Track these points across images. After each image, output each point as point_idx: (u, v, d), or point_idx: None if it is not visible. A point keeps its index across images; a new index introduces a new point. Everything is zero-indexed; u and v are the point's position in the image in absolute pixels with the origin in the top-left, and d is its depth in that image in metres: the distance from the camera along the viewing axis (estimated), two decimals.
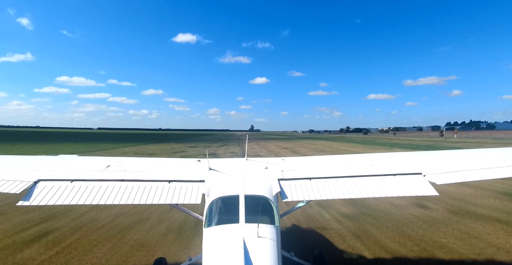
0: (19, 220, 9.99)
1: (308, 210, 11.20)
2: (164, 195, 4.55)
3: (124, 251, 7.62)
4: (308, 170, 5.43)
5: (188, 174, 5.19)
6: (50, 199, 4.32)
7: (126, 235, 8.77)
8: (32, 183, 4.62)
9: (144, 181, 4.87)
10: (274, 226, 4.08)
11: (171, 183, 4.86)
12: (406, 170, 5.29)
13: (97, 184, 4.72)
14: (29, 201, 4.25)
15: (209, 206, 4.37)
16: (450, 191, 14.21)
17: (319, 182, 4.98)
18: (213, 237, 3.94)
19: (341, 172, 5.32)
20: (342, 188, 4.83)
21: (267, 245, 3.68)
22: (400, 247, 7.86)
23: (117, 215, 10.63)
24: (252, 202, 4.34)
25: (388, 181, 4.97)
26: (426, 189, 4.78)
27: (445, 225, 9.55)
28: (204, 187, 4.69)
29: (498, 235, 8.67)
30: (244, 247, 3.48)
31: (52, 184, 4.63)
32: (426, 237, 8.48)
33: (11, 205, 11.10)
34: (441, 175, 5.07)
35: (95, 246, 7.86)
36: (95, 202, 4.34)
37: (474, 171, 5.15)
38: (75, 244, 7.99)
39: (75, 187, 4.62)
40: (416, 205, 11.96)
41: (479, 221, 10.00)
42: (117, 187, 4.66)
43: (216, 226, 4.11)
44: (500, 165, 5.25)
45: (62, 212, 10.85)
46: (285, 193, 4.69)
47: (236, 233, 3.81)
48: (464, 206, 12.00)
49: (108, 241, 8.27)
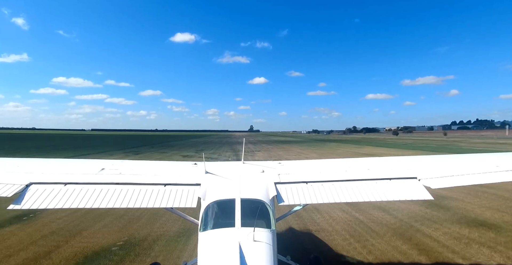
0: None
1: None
2: (159, 199, 4.69)
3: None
4: (304, 174, 5.61)
5: (184, 178, 5.34)
6: (42, 203, 4.43)
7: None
8: (24, 186, 4.73)
9: (139, 184, 5.01)
10: (270, 230, 4.23)
11: (166, 186, 5.00)
12: (402, 174, 5.50)
13: (91, 187, 4.83)
14: (21, 205, 4.36)
15: (205, 210, 4.51)
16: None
17: (315, 186, 5.15)
18: (208, 241, 4.07)
19: (337, 176, 5.50)
20: (338, 192, 5.01)
21: (263, 249, 3.82)
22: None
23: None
24: (248, 205, 4.49)
25: (384, 185, 5.17)
26: (421, 193, 4.97)
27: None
28: (200, 191, 4.84)
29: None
30: (240, 251, 3.61)
31: (44, 188, 4.74)
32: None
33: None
34: (436, 179, 5.27)
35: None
36: (88, 206, 4.44)
37: (468, 176, 5.37)
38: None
39: (69, 190, 4.73)
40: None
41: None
42: (112, 190, 4.78)
43: (211, 230, 4.24)
44: (493, 170, 5.51)
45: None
46: (282, 197, 4.85)
47: (232, 237, 3.95)
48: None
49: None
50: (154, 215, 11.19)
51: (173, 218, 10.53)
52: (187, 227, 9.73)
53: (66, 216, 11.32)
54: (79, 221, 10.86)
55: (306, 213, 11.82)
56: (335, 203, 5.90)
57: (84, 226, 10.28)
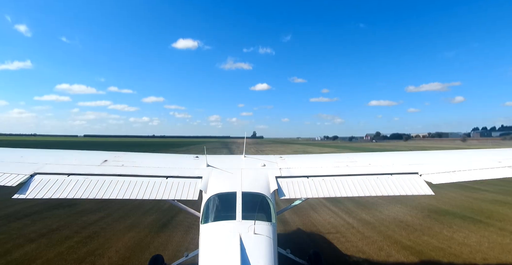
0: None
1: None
2: (161, 191, 5.09)
3: None
4: (305, 168, 6.00)
5: (185, 170, 5.75)
6: (46, 193, 4.82)
7: None
8: (28, 176, 5.14)
9: (142, 176, 5.42)
10: (271, 223, 4.61)
11: (168, 179, 5.40)
12: (403, 169, 5.87)
13: (94, 178, 5.24)
14: (25, 194, 4.75)
15: (206, 203, 4.92)
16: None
17: (316, 180, 5.53)
18: (209, 233, 4.46)
19: (338, 170, 5.89)
20: (339, 186, 5.38)
21: (263, 242, 4.18)
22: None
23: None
24: (249, 199, 4.89)
25: (385, 180, 5.53)
26: (422, 188, 5.34)
27: None
28: (202, 184, 5.25)
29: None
30: (241, 244, 3.96)
31: (48, 178, 5.16)
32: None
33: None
34: (437, 175, 5.64)
35: None
36: (91, 197, 4.84)
37: (470, 171, 5.72)
38: None
39: (72, 181, 5.14)
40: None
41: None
42: (114, 182, 5.19)
43: (213, 222, 4.63)
44: (495, 166, 5.88)
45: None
46: (283, 191, 5.25)
47: (233, 229, 4.32)
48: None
49: None
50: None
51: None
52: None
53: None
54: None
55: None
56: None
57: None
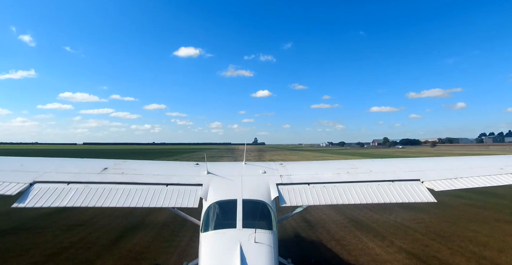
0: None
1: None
2: (161, 199, 5.12)
3: None
4: (306, 175, 6.02)
5: (186, 178, 5.78)
6: (45, 202, 4.86)
7: None
8: (28, 185, 5.18)
9: (141, 184, 5.46)
10: (272, 231, 4.61)
11: (168, 186, 5.44)
12: (405, 176, 5.90)
13: (94, 186, 5.28)
14: (24, 203, 4.78)
15: (207, 211, 4.92)
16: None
17: (317, 188, 5.55)
18: (209, 242, 4.44)
19: (339, 177, 5.92)
20: (340, 193, 5.40)
21: (264, 251, 4.16)
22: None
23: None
24: (250, 206, 4.89)
25: (387, 187, 5.55)
26: (424, 195, 5.36)
27: None
28: (202, 191, 5.28)
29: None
30: (241, 253, 3.96)
31: (48, 186, 5.20)
32: None
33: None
34: (440, 182, 5.67)
35: None
36: (91, 205, 4.88)
37: (472, 178, 5.76)
38: None
39: (72, 189, 5.19)
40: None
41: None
42: (114, 190, 5.24)
43: (213, 231, 4.62)
44: (498, 173, 5.91)
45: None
46: (283, 198, 5.27)
47: (233, 238, 4.31)
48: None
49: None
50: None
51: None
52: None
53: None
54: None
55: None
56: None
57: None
